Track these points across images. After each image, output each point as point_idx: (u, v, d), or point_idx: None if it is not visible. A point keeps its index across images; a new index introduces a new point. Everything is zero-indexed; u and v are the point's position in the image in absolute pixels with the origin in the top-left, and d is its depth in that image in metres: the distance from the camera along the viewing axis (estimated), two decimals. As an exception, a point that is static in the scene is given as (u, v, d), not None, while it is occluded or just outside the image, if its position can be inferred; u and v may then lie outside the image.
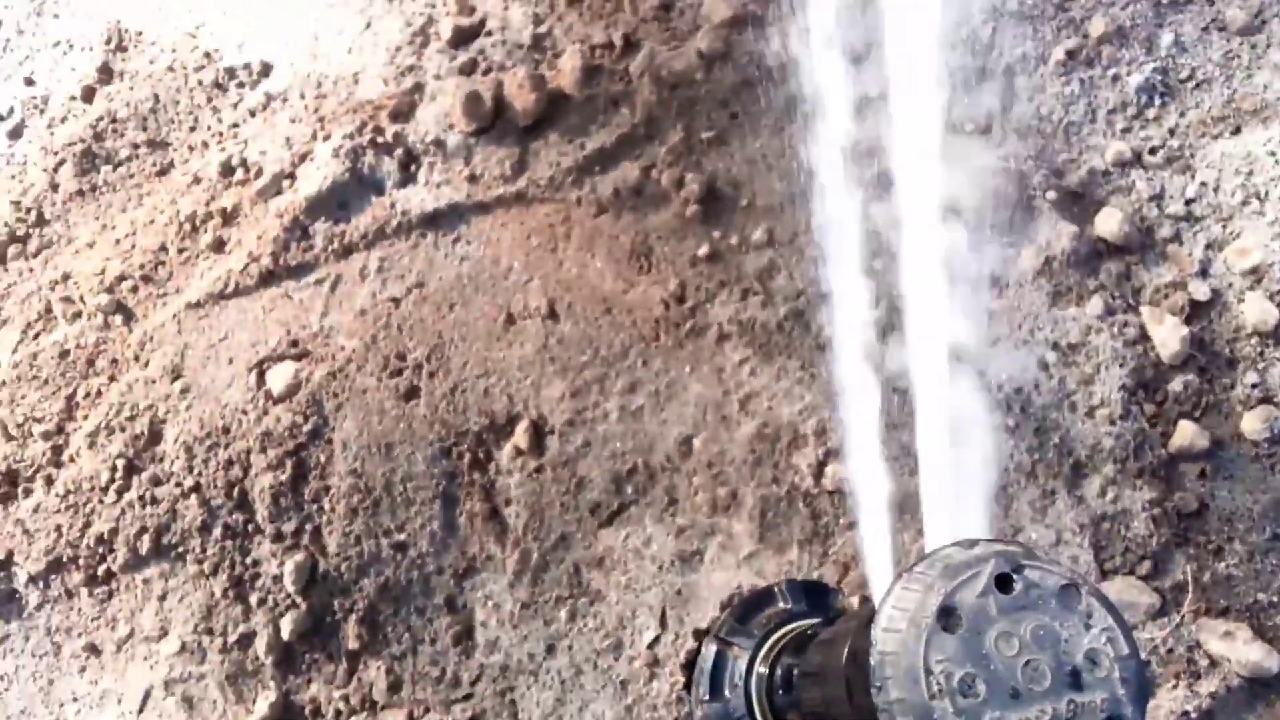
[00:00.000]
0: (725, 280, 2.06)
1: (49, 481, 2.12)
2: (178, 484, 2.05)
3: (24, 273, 2.26)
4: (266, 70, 2.32)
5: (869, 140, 1.93)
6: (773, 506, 1.89)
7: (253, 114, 2.29)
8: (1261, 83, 2.05)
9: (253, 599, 1.96)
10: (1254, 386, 1.84)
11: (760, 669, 1.44)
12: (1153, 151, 2.02)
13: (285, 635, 1.92)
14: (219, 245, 2.20)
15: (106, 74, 2.40)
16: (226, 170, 2.26)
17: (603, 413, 2.00)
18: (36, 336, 2.17)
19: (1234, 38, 2.11)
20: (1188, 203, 1.98)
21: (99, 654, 1.95)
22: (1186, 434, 1.81)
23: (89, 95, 2.39)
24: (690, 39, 2.18)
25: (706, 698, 1.47)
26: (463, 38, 2.26)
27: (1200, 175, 2.00)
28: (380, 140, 2.19)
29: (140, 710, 1.95)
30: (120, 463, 2.07)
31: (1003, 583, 0.92)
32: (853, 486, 1.83)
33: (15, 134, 2.39)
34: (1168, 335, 1.85)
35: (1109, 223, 1.95)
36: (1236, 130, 2.02)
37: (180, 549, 2.02)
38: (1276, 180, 1.95)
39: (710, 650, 1.51)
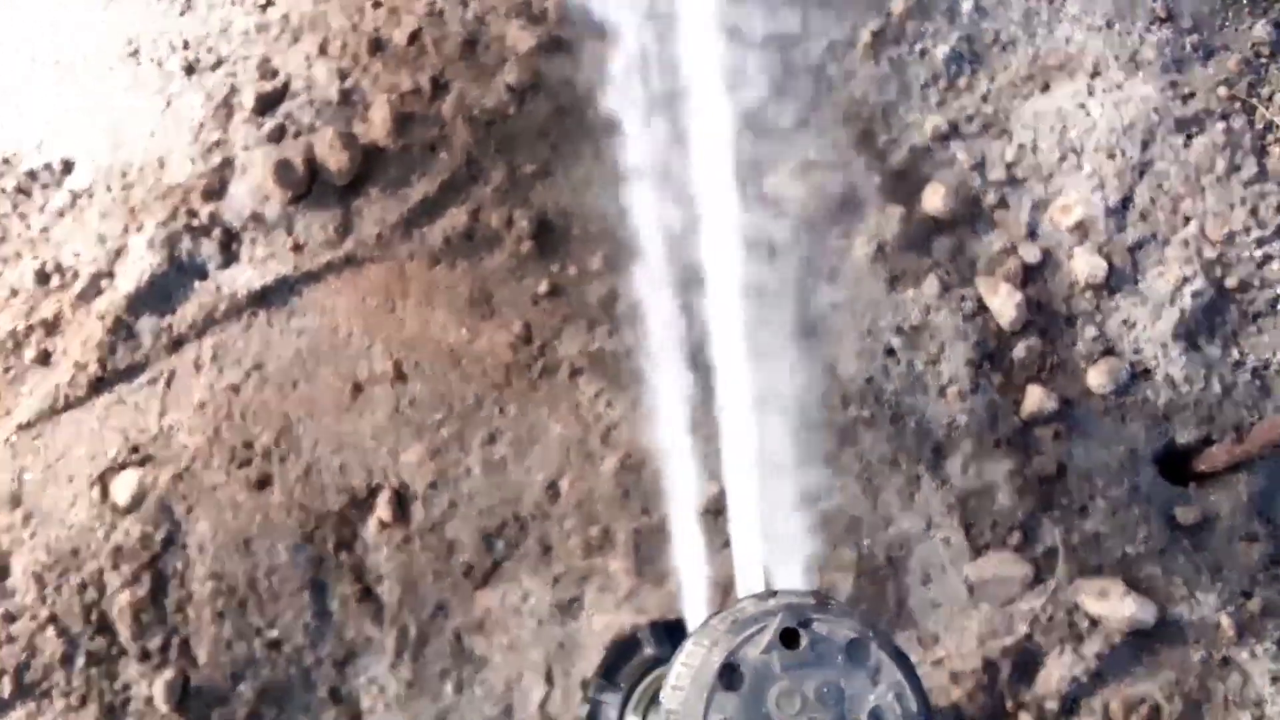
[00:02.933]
0: (570, 314, 2.01)
1: (-104, 637, 1.99)
2: (33, 617, 1.93)
3: None
4: (69, 167, 2.20)
5: (679, 151, 1.89)
6: (646, 539, 1.85)
7: (61, 215, 2.18)
8: (1063, 36, 2.07)
9: (126, 726, 1.86)
10: (1094, 340, 1.86)
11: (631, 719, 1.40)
12: (969, 120, 2.03)
13: (165, 758, 1.83)
14: (44, 358, 2.09)
15: (-98, 194, 2.27)
16: (42, 278, 2.14)
17: (465, 469, 1.94)
18: None
19: (1034, -6, 2.13)
20: (1008, 167, 1.99)
21: (-35, 815, 1.84)
22: (1036, 398, 1.81)
23: (-114, 220, 2.25)
24: (499, 73, 2.13)
25: (581, 758, 1.43)
26: (268, 103, 2.17)
27: (1017, 137, 2.01)
28: (195, 223, 2.09)
29: None
30: (-32, 605, 1.95)
31: (788, 638, 0.89)
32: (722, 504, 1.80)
33: None
34: (1004, 303, 1.86)
35: (934, 199, 1.95)
36: (1046, 87, 2.04)
37: (45, 685, 1.90)
38: (1089, 132, 1.97)
39: (583, 712, 1.47)
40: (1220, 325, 1.86)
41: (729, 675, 0.88)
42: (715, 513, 1.85)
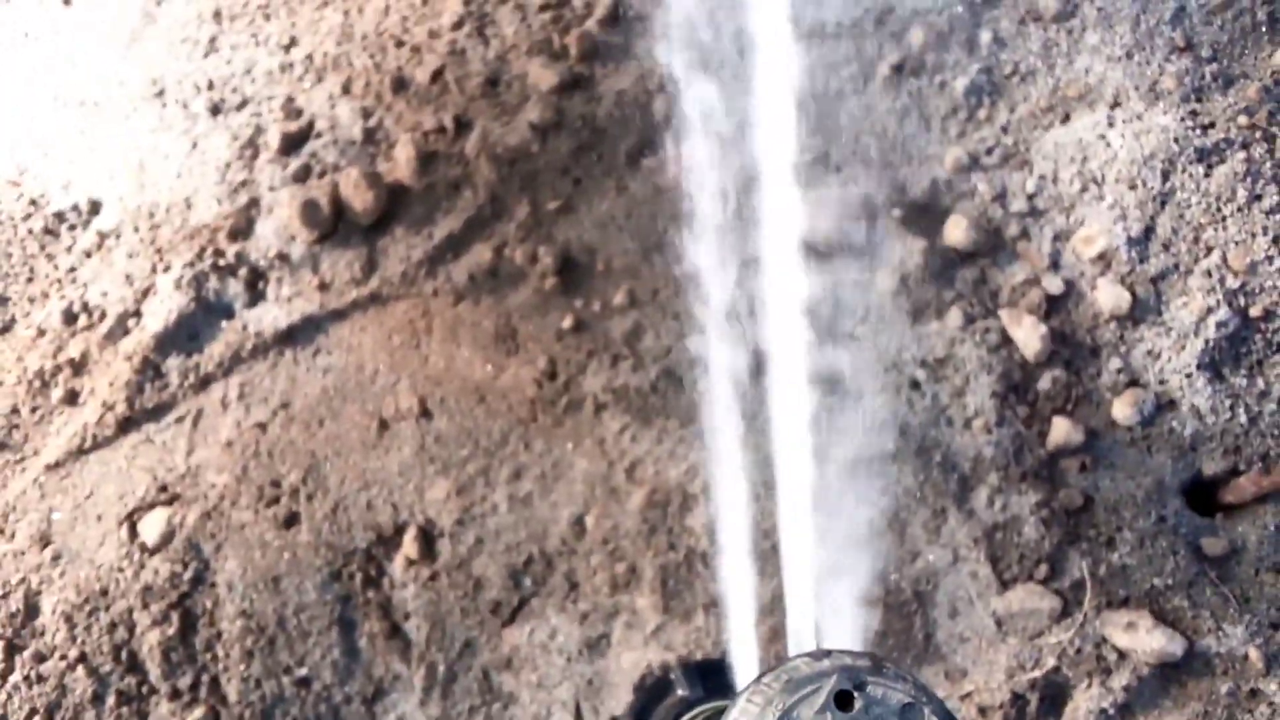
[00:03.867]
0: (594, 349, 2.02)
1: (-72, 677, 2.01)
2: (62, 656, 1.95)
3: None
4: (96, 208, 2.23)
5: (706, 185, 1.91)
6: (673, 574, 1.86)
7: (88, 255, 2.20)
8: (1083, 67, 2.08)
9: (157, 766, 1.87)
10: (1119, 371, 1.86)
11: (664, 764, 1.40)
12: (989, 152, 2.04)
13: (196, 798, 1.83)
14: (72, 398, 2.11)
15: (-69, 236, 2.30)
16: (69, 318, 2.17)
17: (491, 506, 1.95)
18: (-110, 527, 2.06)
19: (1050, 26, 2.14)
20: (1029, 198, 1.99)
21: None
22: (1062, 430, 1.81)
23: (-85, 261, 2.28)
24: (521, 111, 2.15)
25: (615, 803, 1.43)
26: (292, 143, 2.20)
27: (1038, 168, 2.02)
28: (222, 263, 2.12)
29: None
30: (-1, 645, 1.97)
31: (843, 700, 0.89)
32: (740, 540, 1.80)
33: None
34: (1028, 335, 1.86)
35: (956, 231, 1.96)
36: (1066, 118, 2.04)
37: (75, 725, 1.92)
38: (1110, 163, 1.98)
39: (613, 752, 1.47)
40: (1245, 355, 1.86)
41: (782, 735, 0.88)
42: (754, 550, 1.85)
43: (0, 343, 2.24)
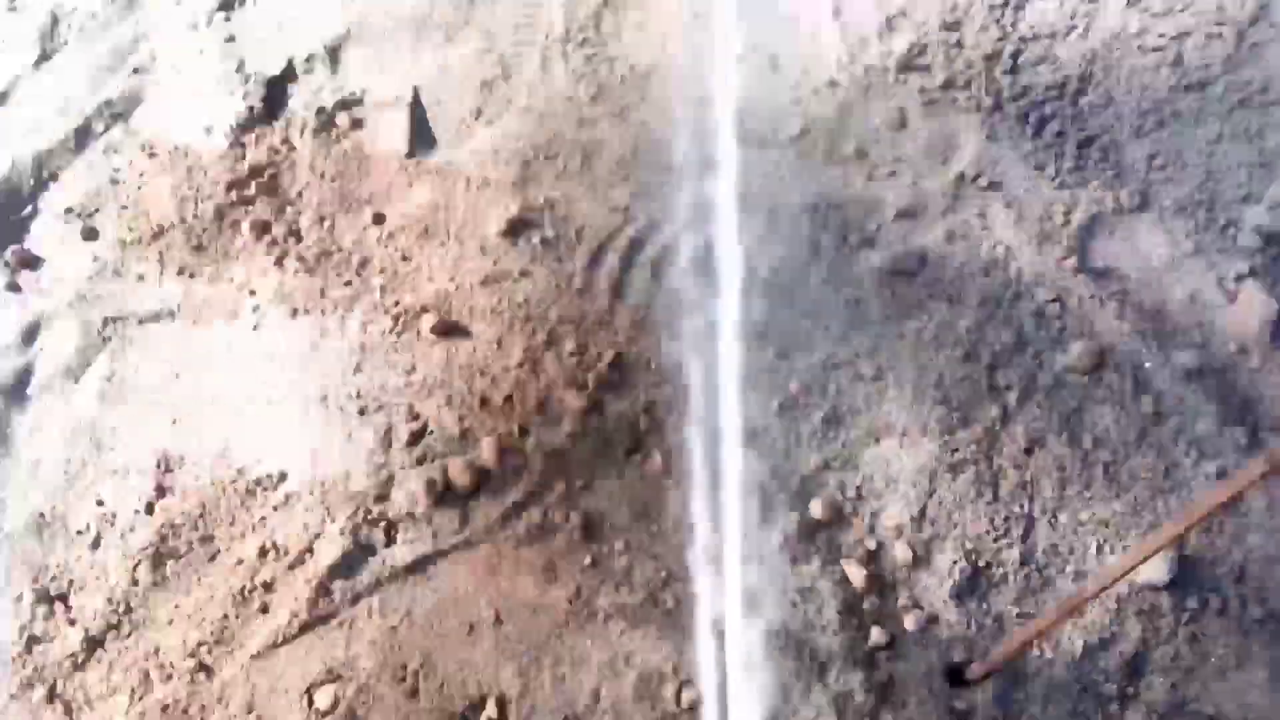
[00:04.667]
0: (604, 579, 3.31)
1: (160, 800, 3.04)
2: (263, 782, 3.03)
3: (122, 651, 3.22)
4: (283, 476, 3.45)
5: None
6: (655, 722, 3.10)
7: (275, 509, 3.41)
8: (887, 410, 3.58)
9: None
10: (908, 598, 3.25)
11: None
12: (835, 459, 3.48)
13: None
14: (265, 609, 3.26)
15: (160, 491, 3.46)
16: (262, 553, 3.34)
17: (541, 683, 3.16)
18: (141, 698, 3.13)
19: (870, 382, 3.64)
20: (857, 489, 3.43)
21: None
22: (876, 634, 3.17)
23: (150, 508, 3.43)
24: (561, 424, 3.51)
25: None
26: (414, 437, 3.49)
27: (863, 471, 3.47)
28: (370, 518, 3.35)
29: None
30: (217, 778, 3.03)
31: None
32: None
33: (95, 545, 3.38)
34: (856, 575, 3.24)
35: (816, 509, 3.36)
36: (877, 440, 3.52)
37: (269, 830, 2.98)
38: (901, 470, 3.44)
39: None
40: (979, 589, 3.28)
41: None
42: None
43: (209, 568, 3.38)
